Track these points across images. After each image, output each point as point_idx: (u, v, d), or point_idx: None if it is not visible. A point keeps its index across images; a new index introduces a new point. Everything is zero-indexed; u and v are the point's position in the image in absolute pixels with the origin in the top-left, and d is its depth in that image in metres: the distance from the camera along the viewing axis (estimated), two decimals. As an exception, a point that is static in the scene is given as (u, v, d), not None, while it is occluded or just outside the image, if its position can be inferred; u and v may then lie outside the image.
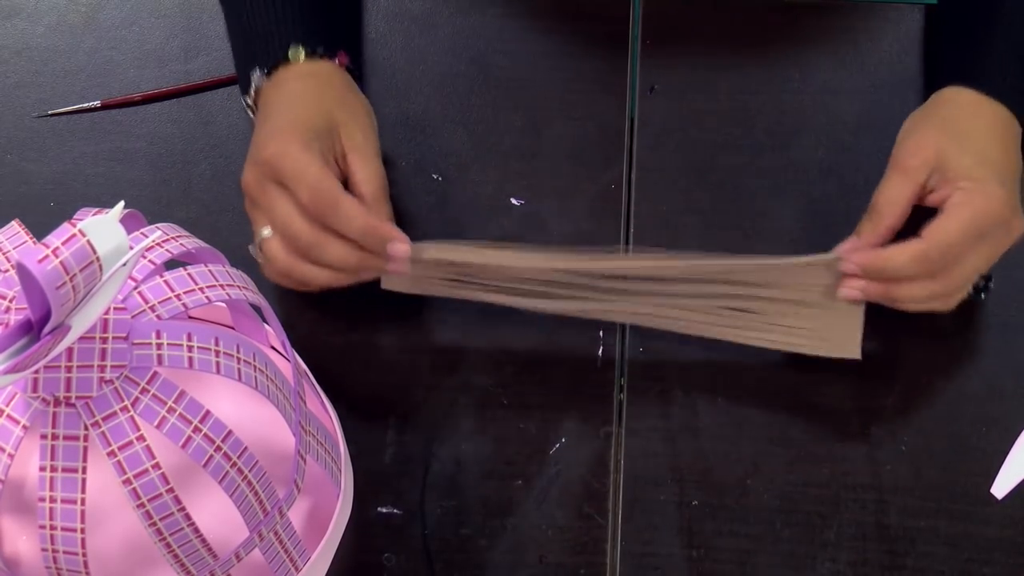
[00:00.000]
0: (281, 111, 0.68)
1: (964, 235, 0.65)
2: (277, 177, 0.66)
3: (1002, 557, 0.64)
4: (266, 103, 0.70)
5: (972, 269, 0.66)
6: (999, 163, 0.68)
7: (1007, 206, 0.66)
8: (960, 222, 0.65)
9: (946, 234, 0.65)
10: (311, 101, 0.69)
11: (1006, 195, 0.66)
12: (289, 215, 0.65)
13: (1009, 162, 0.68)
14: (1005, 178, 0.67)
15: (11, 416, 0.50)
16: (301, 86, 0.70)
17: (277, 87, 0.70)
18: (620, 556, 0.64)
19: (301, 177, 0.65)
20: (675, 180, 0.76)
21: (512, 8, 0.83)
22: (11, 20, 0.83)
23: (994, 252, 0.66)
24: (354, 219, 0.65)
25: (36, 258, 0.42)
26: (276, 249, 0.66)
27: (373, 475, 0.66)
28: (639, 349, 0.70)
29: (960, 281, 0.66)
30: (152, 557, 0.58)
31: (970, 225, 0.65)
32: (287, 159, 0.65)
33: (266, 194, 0.66)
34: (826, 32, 0.82)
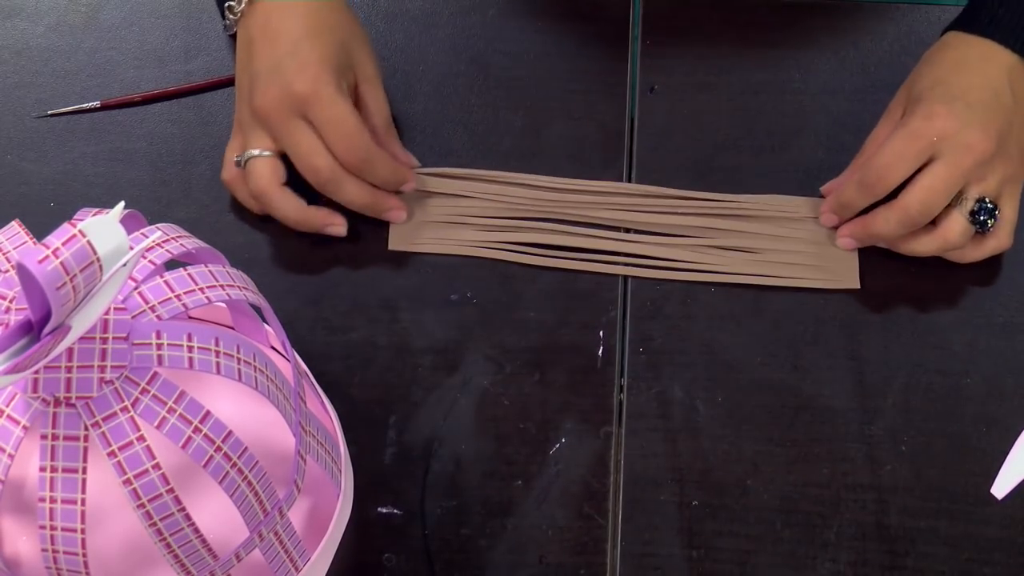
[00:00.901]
0: (302, 41, 0.69)
1: (898, 156, 0.67)
2: (307, 114, 0.68)
3: (1002, 557, 0.64)
4: (269, 19, 0.71)
5: (930, 189, 0.67)
6: (956, 84, 0.68)
7: (951, 120, 0.66)
8: (892, 140, 0.67)
9: (880, 154, 0.68)
10: (330, 33, 0.71)
11: (951, 110, 0.66)
12: (314, 149, 0.69)
13: (972, 85, 0.68)
14: (959, 96, 0.67)
15: (11, 416, 0.50)
16: (316, 7, 0.71)
17: (282, 4, 0.71)
18: (620, 556, 0.64)
19: (338, 125, 0.68)
20: (675, 180, 0.76)
21: (512, 8, 0.83)
22: (11, 20, 0.83)
23: (953, 170, 0.66)
24: (381, 169, 0.70)
25: (36, 258, 0.42)
26: (262, 170, 0.70)
27: (373, 475, 0.66)
28: (639, 349, 0.70)
29: (919, 203, 0.67)
30: (152, 557, 0.58)
31: (904, 143, 0.67)
32: (323, 102, 0.68)
33: (288, 124, 0.68)
34: (826, 32, 0.82)
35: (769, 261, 0.72)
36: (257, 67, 0.70)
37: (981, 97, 0.68)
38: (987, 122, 0.67)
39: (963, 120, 0.66)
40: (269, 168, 0.70)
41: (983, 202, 0.68)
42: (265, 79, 0.69)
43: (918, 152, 0.67)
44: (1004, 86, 0.68)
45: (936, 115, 0.67)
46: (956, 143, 0.66)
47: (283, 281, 0.73)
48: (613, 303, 0.72)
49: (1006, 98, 0.68)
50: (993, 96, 0.68)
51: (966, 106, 0.67)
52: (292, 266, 0.73)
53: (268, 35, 0.70)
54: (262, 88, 0.69)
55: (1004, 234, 0.70)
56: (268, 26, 0.71)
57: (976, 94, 0.68)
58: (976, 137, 0.66)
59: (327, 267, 0.73)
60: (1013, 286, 0.72)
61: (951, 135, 0.66)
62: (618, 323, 0.71)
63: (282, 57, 0.69)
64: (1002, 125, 0.67)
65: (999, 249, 0.70)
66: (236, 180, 0.72)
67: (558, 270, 0.73)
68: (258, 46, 0.70)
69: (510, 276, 0.73)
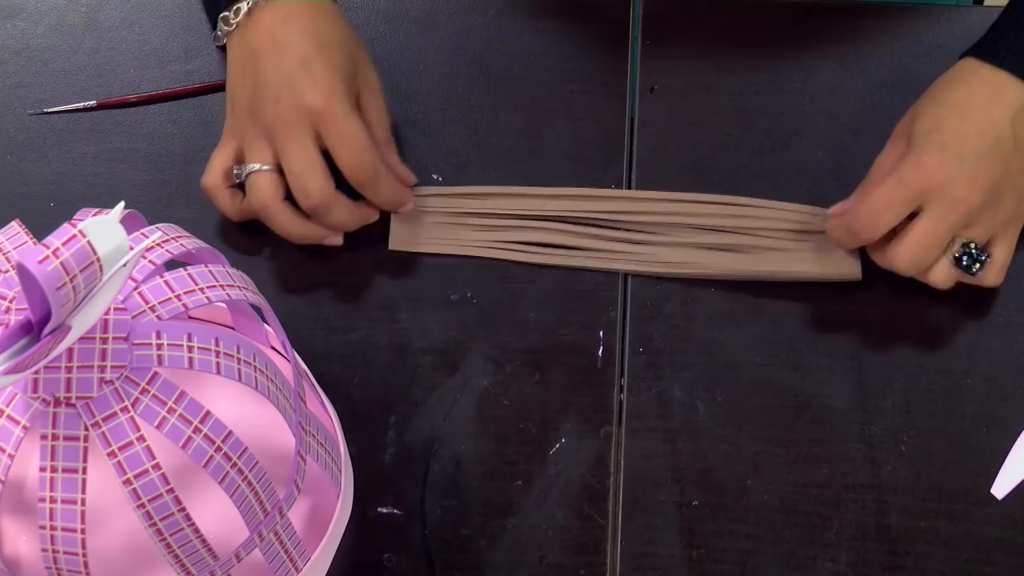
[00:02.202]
0: (314, 55, 0.69)
1: (885, 206, 0.67)
2: (318, 127, 0.68)
3: (1002, 557, 0.64)
4: (274, 32, 0.70)
5: (917, 245, 0.66)
6: (953, 131, 0.67)
7: (939, 174, 0.65)
8: (881, 188, 0.67)
9: (868, 200, 0.67)
10: (338, 47, 0.71)
11: (941, 163, 0.66)
12: (310, 168, 0.68)
13: (970, 133, 0.67)
14: (952, 146, 0.66)
15: (11, 416, 0.50)
16: (321, 21, 0.71)
17: (287, 17, 0.70)
18: (620, 556, 0.64)
19: (349, 140, 0.68)
20: (675, 180, 0.76)
21: (512, 8, 0.83)
22: (11, 20, 0.83)
23: (938, 224, 0.66)
24: (385, 189, 0.71)
25: (36, 259, 0.42)
26: (263, 184, 0.69)
27: (373, 475, 0.66)
28: (639, 349, 0.70)
29: (907, 257, 0.67)
30: (152, 557, 0.58)
31: (892, 191, 0.67)
32: (336, 117, 0.68)
33: (294, 137, 0.68)
34: (826, 32, 0.82)
35: (769, 257, 0.72)
36: (263, 79, 0.69)
37: (977, 146, 0.66)
38: (977, 174, 0.66)
39: (952, 173, 0.65)
40: (272, 183, 0.69)
41: (968, 248, 0.67)
42: (275, 91, 0.68)
43: (904, 201, 0.66)
44: (1006, 131, 0.67)
45: (924, 166, 0.66)
46: (943, 197, 0.65)
47: (283, 281, 0.73)
48: (613, 303, 0.72)
49: (1006, 144, 0.67)
50: (992, 144, 0.66)
51: (958, 157, 0.66)
52: (292, 266, 0.73)
53: (275, 48, 0.69)
54: (271, 99, 0.68)
55: (991, 275, 0.68)
56: (274, 39, 0.70)
57: (972, 143, 0.66)
58: (963, 192, 0.65)
59: (327, 267, 0.73)
60: (1013, 286, 0.72)
61: (938, 188, 0.65)
62: (618, 323, 0.71)
63: (293, 70, 0.68)
64: (996, 176, 0.66)
65: (984, 285, 0.69)
66: (219, 188, 0.71)
67: (558, 268, 0.73)
68: (263, 59, 0.70)
69: (510, 276, 0.73)
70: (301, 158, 0.68)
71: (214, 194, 0.72)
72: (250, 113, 0.70)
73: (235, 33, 0.72)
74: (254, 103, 0.70)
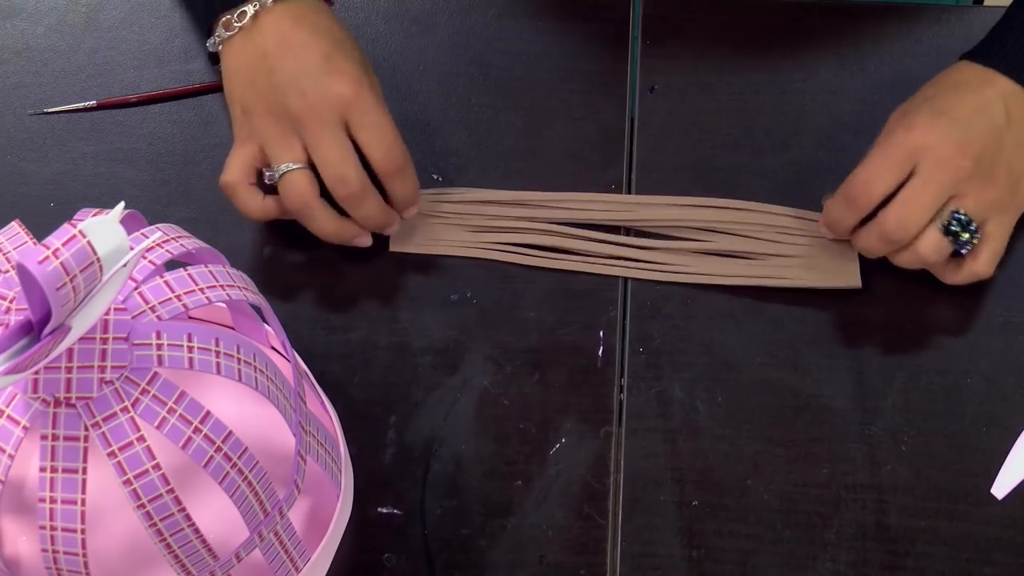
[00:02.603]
0: (333, 52, 0.69)
1: (878, 168, 0.67)
2: (348, 117, 0.68)
3: (1002, 557, 0.64)
4: (285, 33, 0.70)
5: (905, 204, 0.66)
6: (945, 101, 0.68)
7: (930, 133, 0.66)
8: (874, 156, 0.67)
9: (861, 167, 0.68)
10: (350, 43, 0.71)
11: (931, 124, 0.66)
12: (346, 157, 0.68)
13: (962, 103, 0.67)
14: (944, 112, 0.67)
15: (11, 417, 0.50)
16: (331, 23, 0.71)
17: (296, 20, 0.70)
18: (620, 556, 0.64)
19: (380, 128, 0.69)
20: (675, 180, 0.76)
21: (512, 8, 0.83)
22: (11, 20, 0.83)
23: (928, 184, 0.66)
24: (410, 186, 0.71)
25: (36, 259, 0.42)
26: (301, 183, 0.69)
27: (373, 475, 0.66)
28: (639, 349, 0.70)
29: (895, 219, 0.66)
30: (152, 557, 0.58)
31: (883, 157, 0.67)
32: (366, 105, 0.68)
33: (325, 129, 0.68)
34: (826, 32, 0.82)
35: (769, 264, 0.72)
36: (280, 78, 0.69)
37: (967, 114, 0.67)
38: (968, 139, 0.66)
39: (943, 135, 0.66)
40: (309, 180, 0.69)
41: (957, 215, 0.66)
42: (297, 86, 0.68)
43: (897, 163, 0.66)
44: (998, 107, 0.67)
45: (916, 127, 0.66)
46: (933, 157, 0.66)
47: (283, 281, 0.73)
48: (613, 303, 0.72)
49: (998, 119, 0.67)
50: (982, 114, 0.67)
51: (949, 121, 0.66)
52: (292, 266, 0.73)
53: (289, 47, 0.69)
54: (294, 94, 0.68)
55: (984, 260, 0.68)
56: (286, 40, 0.69)
57: (963, 111, 0.67)
58: (953, 151, 0.65)
59: (327, 267, 0.73)
60: (1013, 286, 0.72)
61: (928, 148, 0.66)
62: (618, 323, 0.71)
63: (315, 65, 0.68)
64: (985, 144, 0.66)
65: (978, 275, 0.69)
66: (241, 184, 0.70)
67: (558, 271, 0.73)
68: (277, 59, 0.69)
69: (510, 276, 0.73)
70: (335, 148, 0.68)
71: (235, 190, 0.70)
72: (269, 113, 0.69)
73: (237, 37, 0.71)
74: (273, 102, 0.69)
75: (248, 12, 0.71)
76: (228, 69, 0.72)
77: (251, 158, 0.70)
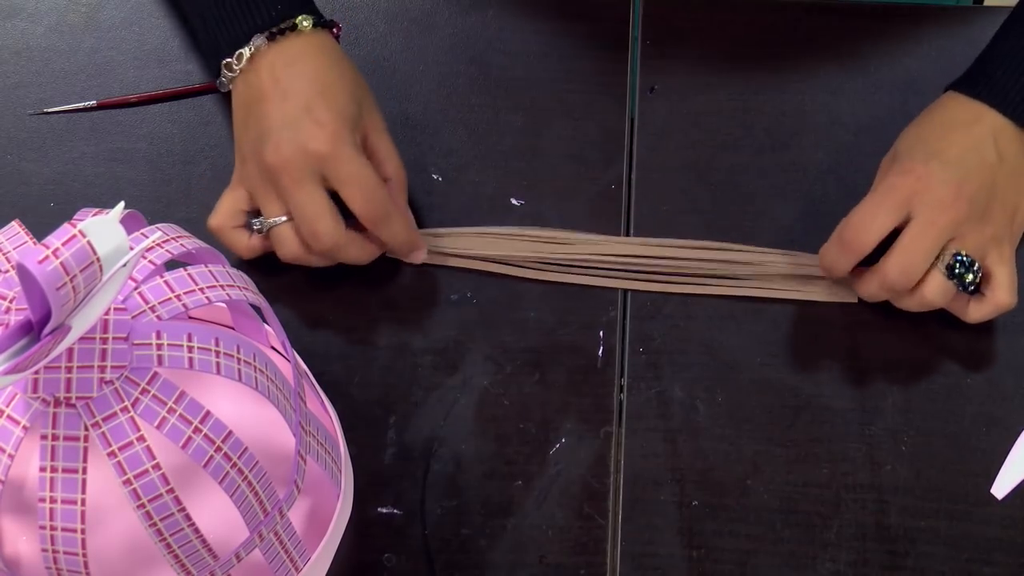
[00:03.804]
0: (316, 99, 0.69)
1: (873, 213, 0.66)
2: (325, 172, 0.68)
3: (1002, 557, 0.64)
4: (277, 76, 0.69)
5: (906, 251, 0.66)
6: (936, 142, 0.67)
7: (925, 178, 0.65)
8: (869, 200, 0.67)
9: (856, 214, 0.67)
10: (340, 85, 0.70)
11: (926, 168, 0.66)
12: (320, 213, 0.67)
13: (953, 143, 0.67)
14: (936, 154, 0.66)
15: (11, 417, 0.50)
16: (323, 63, 0.71)
17: (289, 61, 0.70)
18: (620, 556, 0.64)
19: (358, 180, 0.68)
20: (675, 180, 0.76)
21: (512, 8, 0.83)
22: (11, 20, 0.83)
23: (927, 229, 0.65)
24: (399, 234, 0.70)
25: (36, 259, 0.42)
26: (288, 237, 0.69)
27: (373, 475, 0.66)
28: (639, 349, 0.70)
29: (897, 267, 0.66)
30: (152, 557, 0.58)
31: (878, 202, 0.66)
32: (342, 160, 0.67)
33: (300, 184, 0.67)
34: (826, 32, 0.82)
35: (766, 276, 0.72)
36: (266, 125, 0.68)
37: (959, 155, 0.66)
38: (962, 180, 0.66)
39: (937, 178, 0.65)
40: (294, 234, 0.69)
41: (959, 256, 0.66)
42: (278, 136, 0.68)
43: (892, 208, 0.66)
44: (989, 145, 0.67)
45: (910, 172, 0.66)
46: (929, 201, 0.65)
47: (283, 281, 0.73)
48: (613, 303, 0.72)
49: (990, 156, 0.67)
50: (974, 154, 0.67)
51: (942, 164, 0.66)
52: (292, 266, 0.73)
53: (277, 93, 0.69)
54: (273, 144, 0.67)
55: (1003, 293, 0.67)
56: (277, 83, 0.69)
57: (955, 151, 0.67)
58: (950, 195, 0.65)
59: (327, 267, 0.73)
60: (1013, 286, 0.72)
61: (924, 192, 0.65)
62: (618, 323, 0.71)
63: (295, 116, 0.68)
64: (981, 184, 0.66)
65: (1000, 308, 0.68)
66: (225, 228, 0.70)
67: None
68: (266, 104, 0.69)
69: (510, 276, 0.73)
70: (308, 205, 0.67)
71: (221, 234, 0.71)
72: (255, 161, 0.69)
73: (239, 79, 0.71)
74: (258, 151, 0.68)
75: (244, 55, 0.70)
76: (233, 109, 0.72)
77: (240, 203, 0.70)
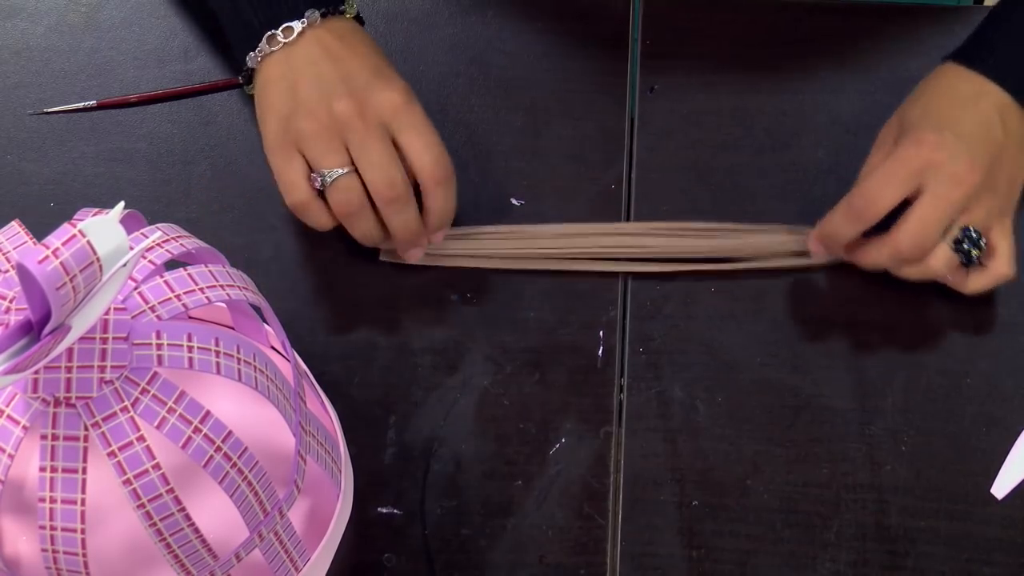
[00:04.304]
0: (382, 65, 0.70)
1: (886, 182, 0.66)
2: (396, 122, 0.68)
3: (1002, 557, 0.64)
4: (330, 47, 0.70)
5: (921, 223, 0.66)
6: (947, 115, 0.68)
7: (940, 149, 0.66)
8: (881, 167, 0.67)
9: (868, 183, 0.67)
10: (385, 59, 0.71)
11: (940, 140, 0.66)
12: (393, 161, 0.68)
13: (963, 118, 0.68)
14: (949, 127, 0.67)
15: (11, 417, 0.50)
16: (372, 44, 0.72)
17: (341, 36, 0.70)
18: (620, 556, 0.64)
19: (430, 139, 0.69)
20: (675, 180, 0.76)
21: (512, 8, 0.83)
22: (11, 20, 0.83)
23: (941, 202, 0.66)
24: (452, 200, 0.70)
25: (36, 258, 0.42)
26: (353, 187, 0.68)
27: (373, 475, 0.66)
28: (639, 349, 0.70)
29: (911, 238, 0.66)
30: (152, 557, 0.58)
31: (892, 169, 0.66)
32: (416, 114, 0.69)
33: (372, 132, 0.68)
34: (826, 32, 0.82)
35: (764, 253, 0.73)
36: (329, 81, 0.68)
37: (971, 129, 0.67)
38: (976, 154, 0.66)
39: (952, 151, 0.66)
40: (358, 185, 0.68)
41: (967, 231, 0.67)
42: (347, 88, 0.68)
43: (905, 178, 0.66)
44: (995, 121, 0.68)
45: (925, 143, 0.66)
46: (944, 174, 0.66)
47: (283, 281, 0.73)
48: (613, 303, 0.72)
49: (996, 132, 0.67)
50: (983, 128, 0.67)
51: (956, 137, 0.66)
52: (292, 266, 0.73)
53: (338, 57, 0.69)
54: (344, 96, 0.68)
55: (1004, 263, 0.68)
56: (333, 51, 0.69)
57: (966, 126, 0.67)
58: (964, 169, 0.66)
59: (327, 267, 0.73)
60: (1013, 286, 0.72)
61: (939, 165, 0.66)
62: (618, 323, 0.71)
63: (365, 72, 0.69)
64: (991, 158, 0.67)
65: (1001, 279, 0.69)
66: (313, 201, 0.69)
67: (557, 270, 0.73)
68: (325, 65, 0.69)
69: (510, 276, 0.73)
70: (383, 151, 0.67)
71: (308, 208, 0.69)
72: (312, 117, 0.68)
73: (279, 51, 0.70)
74: (317, 106, 0.68)
75: (295, 28, 0.70)
76: (266, 80, 0.71)
77: (303, 167, 0.69)
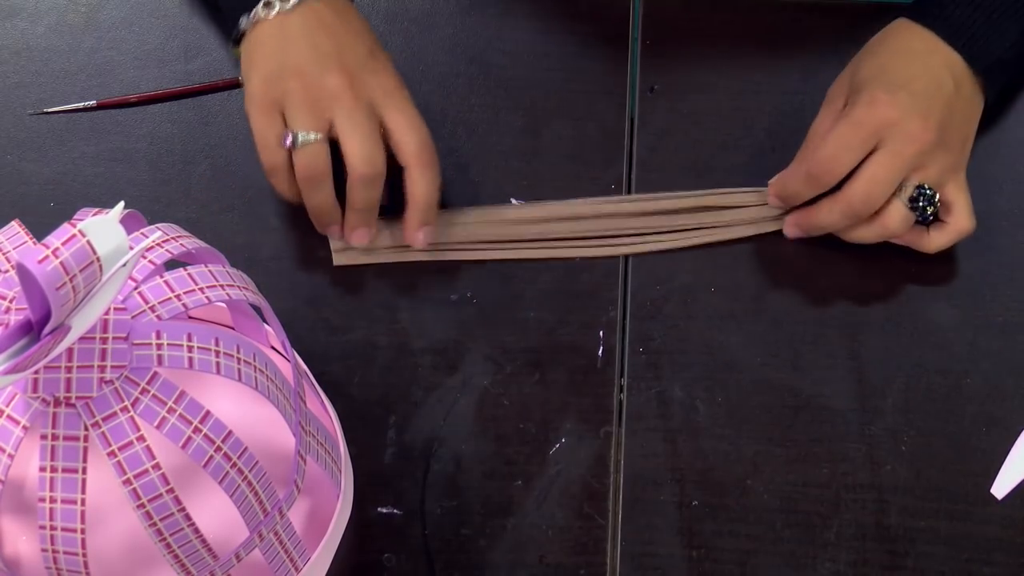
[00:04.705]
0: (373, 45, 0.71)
1: (843, 147, 0.67)
2: (384, 102, 0.68)
3: (1002, 557, 0.64)
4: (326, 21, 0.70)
5: (873, 180, 0.67)
6: (899, 73, 0.68)
7: (894, 108, 0.66)
8: (836, 130, 0.68)
9: (825, 145, 0.68)
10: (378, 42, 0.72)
11: (893, 99, 0.67)
12: (376, 139, 0.68)
13: (915, 75, 0.68)
14: (902, 85, 0.67)
15: (11, 416, 0.50)
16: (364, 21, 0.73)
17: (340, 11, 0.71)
18: (620, 556, 0.64)
19: (416, 121, 0.69)
20: (675, 180, 0.76)
21: (512, 8, 0.83)
22: (11, 20, 0.83)
23: (895, 160, 0.67)
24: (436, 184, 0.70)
25: (36, 258, 0.42)
26: (320, 154, 0.68)
27: (373, 475, 0.66)
28: (639, 349, 0.70)
29: (862, 194, 0.67)
30: (152, 557, 0.58)
31: (848, 131, 0.67)
32: (404, 98, 0.69)
33: (359, 106, 0.68)
34: (826, 32, 0.82)
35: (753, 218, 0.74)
36: (325, 50, 0.68)
37: (923, 87, 0.68)
38: (929, 111, 0.67)
39: (905, 109, 0.67)
40: (326, 154, 0.68)
41: (922, 189, 0.68)
42: (342, 60, 0.68)
43: (862, 140, 0.67)
44: (946, 76, 0.69)
45: (879, 102, 0.67)
46: (898, 132, 0.67)
47: (283, 281, 0.73)
48: (613, 303, 0.72)
49: (948, 88, 0.68)
50: (935, 86, 0.68)
51: (909, 95, 0.67)
52: (292, 266, 0.73)
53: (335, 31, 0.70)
54: (338, 67, 0.68)
55: (963, 217, 0.69)
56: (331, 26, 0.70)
57: (919, 84, 0.68)
58: (918, 126, 0.66)
59: (327, 267, 0.73)
60: (1013, 286, 0.72)
61: (893, 123, 0.67)
62: (618, 323, 0.71)
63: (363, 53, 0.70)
64: (943, 115, 0.68)
65: (962, 233, 0.70)
66: (284, 166, 0.69)
67: (557, 268, 0.73)
68: (322, 35, 0.69)
69: (510, 276, 0.73)
70: (369, 127, 0.68)
71: (276, 172, 0.69)
72: (300, 78, 0.68)
73: (275, 16, 0.70)
74: (308, 71, 0.68)
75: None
76: (257, 41, 0.70)
77: (280, 127, 0.69)
